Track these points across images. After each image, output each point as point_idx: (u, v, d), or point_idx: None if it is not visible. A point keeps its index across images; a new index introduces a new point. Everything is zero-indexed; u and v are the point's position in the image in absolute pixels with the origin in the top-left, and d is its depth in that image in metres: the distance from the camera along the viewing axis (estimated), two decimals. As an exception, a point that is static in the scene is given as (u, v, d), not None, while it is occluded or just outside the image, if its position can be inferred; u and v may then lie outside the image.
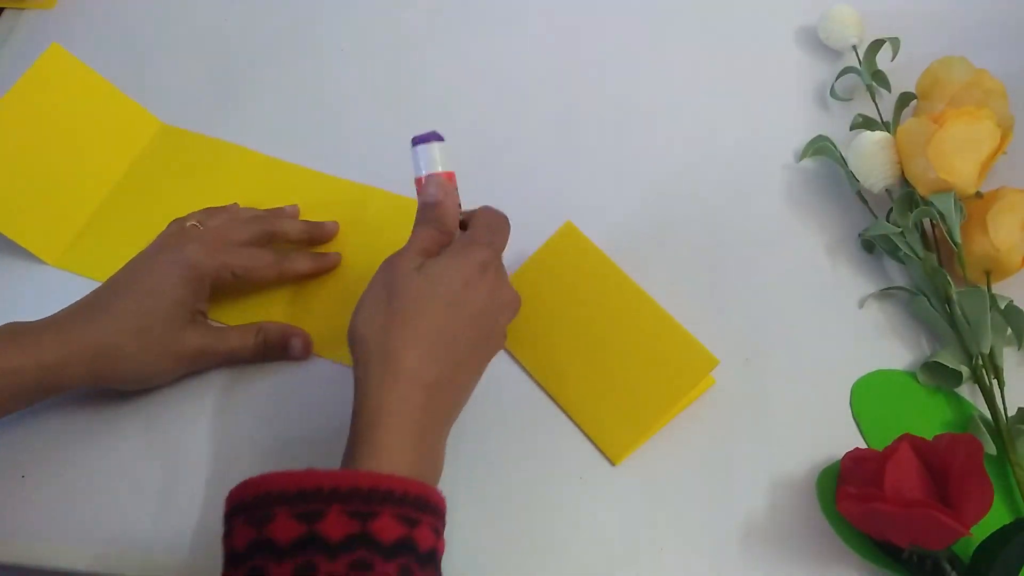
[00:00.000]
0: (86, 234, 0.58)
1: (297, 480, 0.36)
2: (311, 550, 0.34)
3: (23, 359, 0.44)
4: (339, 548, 0.34)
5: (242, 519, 0.36)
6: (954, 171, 0.51)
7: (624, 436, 0.48)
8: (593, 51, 0.67)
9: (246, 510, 0.36)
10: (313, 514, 0.35)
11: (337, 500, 0.35)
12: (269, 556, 0.35)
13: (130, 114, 0.62)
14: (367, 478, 0.36)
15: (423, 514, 0.37)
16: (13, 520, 0.47)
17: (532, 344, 0.52)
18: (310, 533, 0.34)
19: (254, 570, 0.35)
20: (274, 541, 0.35)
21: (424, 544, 0.36)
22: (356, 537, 0.35)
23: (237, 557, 0.36)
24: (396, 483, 0.36)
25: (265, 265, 0.52)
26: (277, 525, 0.35)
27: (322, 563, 0.34)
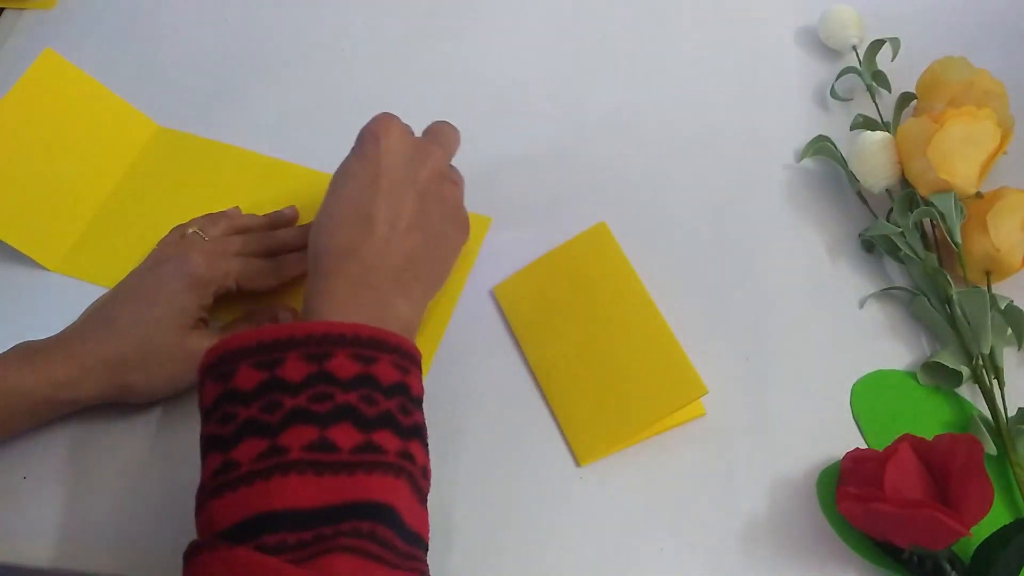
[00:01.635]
0: (86, 239, 0.58)
1: (255, 335, 0.38)
2: (274, 391, 0.36)
3: (35, 378, 0.45)
4: (299, 387, 0.36)
5: (209, 378, 0.38)
6: (954, 171, 0.51)
7: (596, 441, 0.48)
8: (593, 51, 0.67)
9: (212, 369, 0.38)
10: (273, 361, 0.37)
11: (293, 347, 0.37)
12: (236, 402, 0.37)
13: (126, 117, 0.62)
14: (319, 326, 0.38)
15: (381, 353, 0.39)
16: (13, 520, 0.47)
17: (534, 330, 0.52)
18: (272, 377, 0.37)
19: (224, 416, 0.37)
20: (239, 389, 0.37)
21: (385, 378, 0.38)
22: (314, 375, 0.37)
23: (208, 412, 0.38)
24: (347, 327, 0.39)
25: (266, 273, 0.52)
26: (240, 376, 0.37)
27: (285, 399, 0.36)
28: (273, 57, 0.68)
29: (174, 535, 0.47)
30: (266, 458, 0.35)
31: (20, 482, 0.49)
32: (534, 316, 0.53)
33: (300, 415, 0.36)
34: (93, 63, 0.60)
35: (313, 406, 0.36)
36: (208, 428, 0.38)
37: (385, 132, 0.47)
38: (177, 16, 0.71)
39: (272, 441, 0.35)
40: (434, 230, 0.46)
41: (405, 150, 0.47)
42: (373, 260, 0.43)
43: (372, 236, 0.44)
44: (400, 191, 0.45)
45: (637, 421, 0.48)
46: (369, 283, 0.43)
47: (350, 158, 0.47)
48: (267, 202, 0.58)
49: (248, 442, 0.36)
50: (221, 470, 0.36)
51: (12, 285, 0.56)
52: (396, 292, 0.43)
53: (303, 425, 0.36)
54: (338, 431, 0.36)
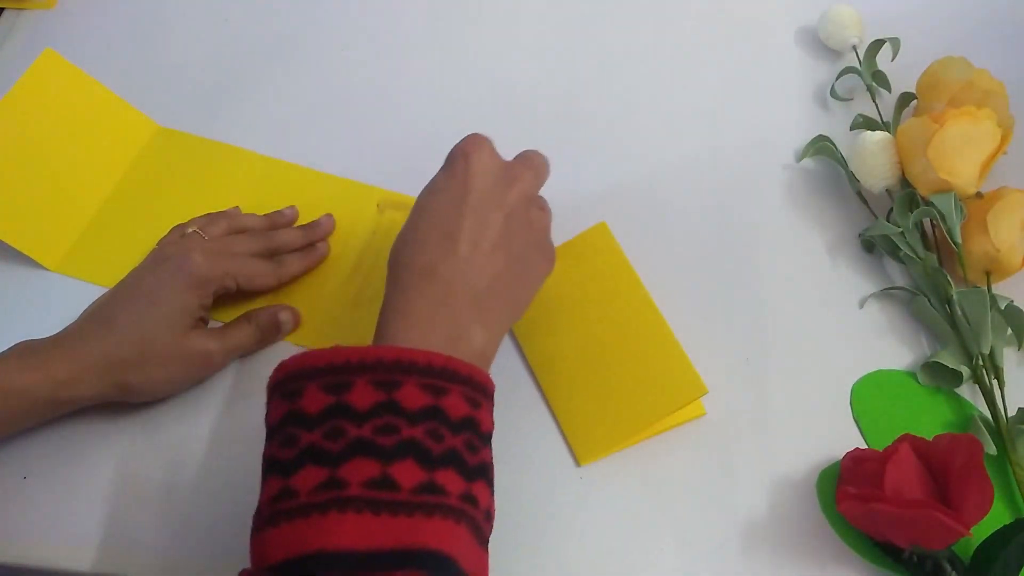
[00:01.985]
0: (85, 239, 0.58)
1: (326, 356, 0.37)
2: (339, 417, 0.36)
3: (35, 377, 0.45)
4: (366, 415, 0.36)
5: (276, 396, 0.38)
6: (954, 171, 0.51)
7: (596, 441, 0.48)
8: (593, 51, 0.67)
9: (279, 387, 0.38)
10: (341, 385, 0.36)
11: (363, 372, 0.36)
12: (300, 425, 0.36)
13: (126, 117, 0.62)
14: (391, 351, 0.37)
15: (452, 384, 0.38)
16: (14, 520, 0.47)
17: (534, 330, 0.52)
18: (338, 402, 0.36)
19: (287, 439, 0.36)
20: (304, 411, 0.36)
21: (454, 412, 0.37)
22: (382, 405, 0.36)
23: (272, 431, 0.37)
24: (419, 355, 0.38)
25: (266, 273, 0.52)
26: (307, 397, 0.36)
27: (349, 428, 0.35)
28: (273, 57, 0.68)
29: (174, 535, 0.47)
30: (325, 490, 0.34)
31: (20, 482, 0.49)
32: (534, 316, 0.53)
33: (363, 447, 0.35)
34: (93, 63, 0.60)
35: (378, 438, 0.35)
36: (271, 449, 0.37)
37: (476, 151, 0.45)
38: (177, 16, 0.71)
39: (332, 472, 0.35)
40: (518, 254, 0.44)
41: (495, 170, 0.45)
42: (453, 279, 0.42)
43: (454, 255, 0.42)
44: (487, 211, 0.44)
45: (637, 421, 0.48)
46: (447, 304, 0.41)
47: (438, 175, 0.46)
48: (267, 202, 0.58)
49: (308, 470, 0.35)
50: (279, 496, 0.35)
51: (12, 285, 0.56)
52: (474, 317, 0.42)
53: (365, 458, 0.35)
54: (401, 468, 0.35)
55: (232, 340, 0.51)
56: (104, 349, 0.46)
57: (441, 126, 0.63)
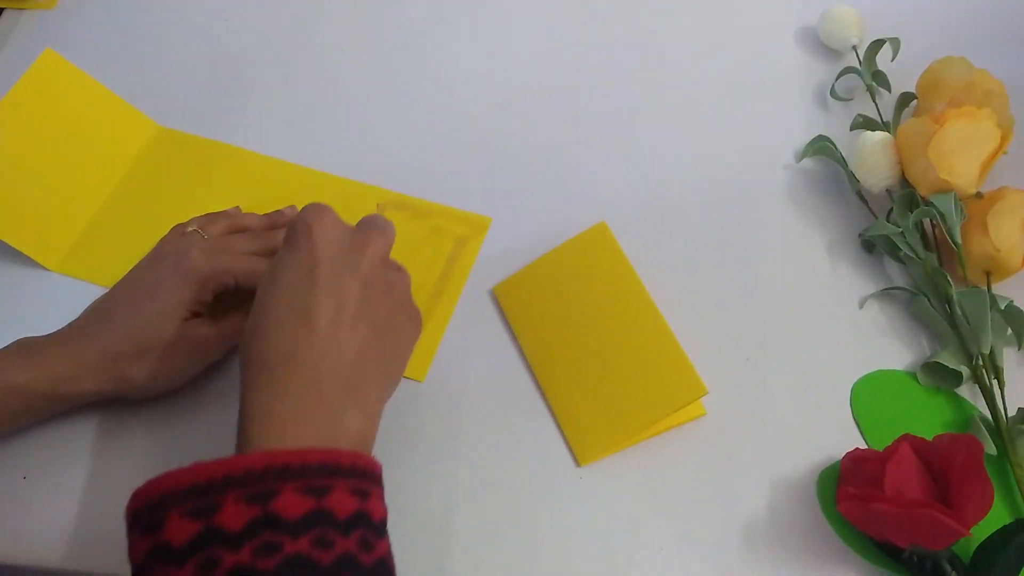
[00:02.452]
0: (86, 239, 0.58)
1: (186, 477, 0.33)
2: (210, 545, 0.32)
3: (34, 374, 0.45)
4: (240, 537, 0.32)
5: (136, 530, 0.34)
6: (954, 171, 0.51)
7: (596, 441, 0.48)
8: (593, 52, 0.67)
9: (138, 518, 0.34)
10: (209, 508, 0.33)
11: (231, 487, 0.33)
12: (169, 563, 0.32)
13: (126, 118, 0.62)
14: (259, 458, 0.34)
15: (335, 479, 0.34)
16: (14, 520, 0.47)
17: (534, 330, 0.52)
18: (207, 528, 0.32)
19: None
20: (169, 544, 0.32)
21: (342, 510, 0.34)
22: (258, 521, 0.32)
23: (138, 570, 0.34)
24: (293, 455, 0.34)
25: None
26: (171, 528, 0.33)
27: (225, 555, 0.32)
28: (273, 57, 0.68)
29: (174, 535, 0.47)
30: None
31: (20, 482, 0.48)
32: (534, 316, 0.53)
33: (244, 574, 0.31)
34: (93, 63, 0.60)
35: (258, 563, 0.31)
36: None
37: (317, 220, 0.41)
38: (177, 16, 0.71)
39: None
40: (383, 322, 0.41)
41: (342, 237, 0.41)
42: (317, 363, 0.38)
43: (313, 335, 0.38)
44: (341, 281, 0.40)
45: (637, 421, 0.48)
46: (314, 392, 0.37)
47: (281, 252, 0.41)
48: (267, 202, 0.58)
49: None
50: None
51: (12, 285, 0.56)
52: (346, 400, 0.38)
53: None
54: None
55: (226, 325, 0.50)
56: (102, 344, 0.46)
57: (441, 126, 0.63)
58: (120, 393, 0.48)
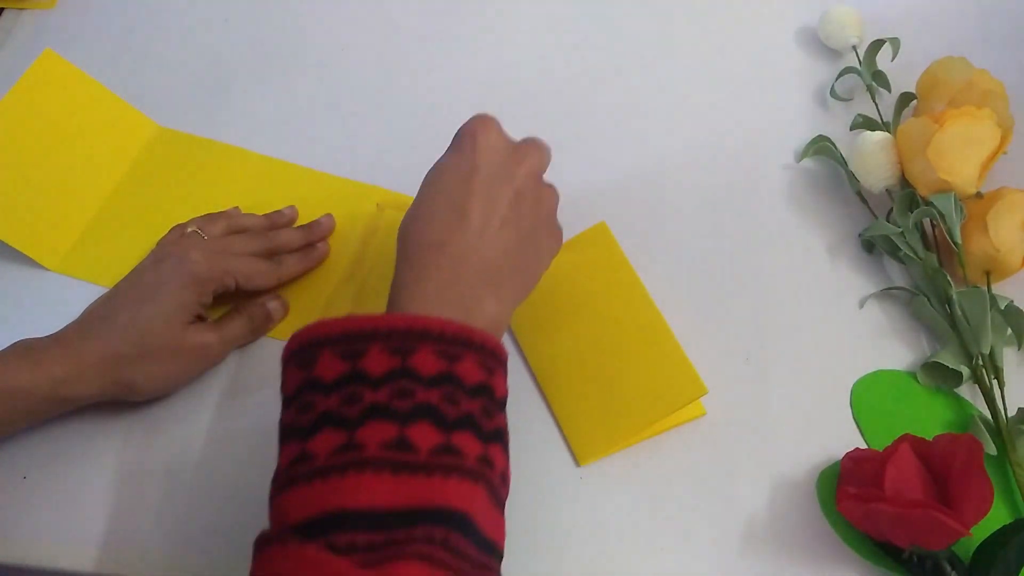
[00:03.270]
0: (86, 239, 0.58)
1: (340, 324, 0.37)
2: (354, 383, 0.36)
3: (35, 376, 0.45)
4: (381, 380, 0.36)
5: (292, 365, 0.38)
6: (954, 171, 0.51)
7: (596, 441, 0.48)
8: (593, 52, 0.67)
9: (294, 356, 0.38)
10: (356, 352, 0.37)
11: (377, 339, 0.37)
12: (316, 391, 0.36)
13: (126, 118, 0.62)
14: (404, 319, 0.38)
15: (466, 350, 0.38)
16: (14, 520, 0.47)
17: (534, 330, 0.52)
18: (353, 369, 0.36)
19: (304, 405, 0.36)
20: (320, 378, 0.36)
21: (469, 378, 0.38)
22: (397, 370, 0.36)
23: (289, 400, 0.38)
24: (433, 322, 0.38)
25: (265, 273, 0.53)
26: (322, 365, 0.37)
27: (365, 393, 0.36)
28: (273, 57, 0.68)
29: (174, 535, 0.47)
30: (343, 453, 0.35)
31: (20, 482, 0.49)
32: (534, 316, 0.53)
33: (380, 411, 0.35)
34: (93, 63, 0.60)
35: (394, 402, 0.36)
36: (287, 416, 0.37)
37: (483, 130, 0.45)
38: (177, 16, 0.71)
39: (350, 435, 0.35)
40: (527, 231, 0.44)
41: (502, 149, 0.45)
42: (463, 254, 0.42)
43: (464, 230, 0.42)
44: (496, 187, 0.44)
45: (637, 421, 0.48)
46: (458, 278, 0.41)
47: (446, 154, 0.46)
48: (267, 202, 0.58)
49: (326, 434, 0.35)
50: (297, 460, 0.35)
51: (12, 285, 0.56)
52: (485, 289, 0.42)
53: (382, 421, 0.35)
54: (417, 430, 0.35)
55: (228, 331, 0.51)
56: (103, 346, 0.46)
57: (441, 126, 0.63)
58: (121, 395, 0.48)
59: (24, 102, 0.56)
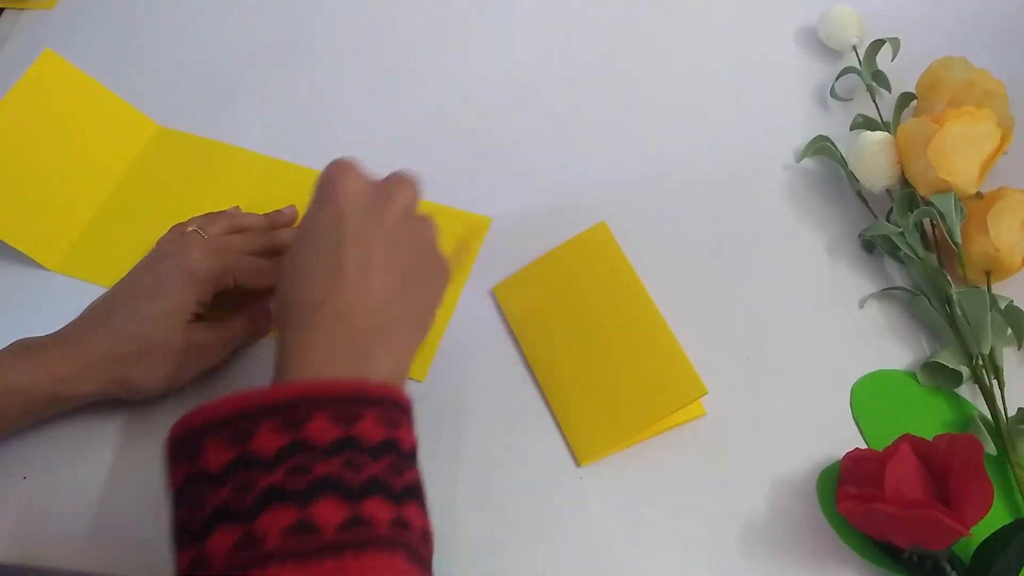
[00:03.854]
0: (86, 238, 0.58)
1: (221, 406, 0.35)
2: (246, 470, 0.33)
3: (34, 375, 0.45)
4: (274, 461, 0.33)
5: (175, 459, 0.36)
6: (954, 171, 0.51)
7: (596, 441, 0.48)
8: (592, 52, 0.67)
9: (176, 449, 0.36)
10: (243, 434, 0.34)
11: (264, 416, 0.34)
12: (206, 484, 0.34)
13: (126, 117, 0.62)
14: (291, 389, 0.35)
15: (363, 408, 0.36)
16: (14, 520, 0.47)
17: (534, 330, 0.52)
18: (241, 453, 0.34)
19: (193, 503, 0.34)
20: (207, 470, 0.34)
21: (371, 437, 0.35)
22: (290, 446, 0.34)
23: (176, 497, 0.35)
24: (323, 386, 0.36)
25: (265, 272, 0.52)
26: (208, 454, 0.34)
27: (259, 477, 0.33)
28: (273, 57, 0.68)
29: (174, 535, 0.47)
30: (241, 549, 0.32)
31: (20, 482, 0.49)
32: (534, 316, 0.53)
33: (276, 495, 0.33)
34: (93, 63, 0.61)
35: (290, 482, 0.33)
36: (178, 515, 0.35)
37: (343, 175, 0.43)
38: (177, 16, 0.71)
39: (247, 529, 0.32)
40: (410, 271, 0.42)
41: (367, 189, 0.43)
42: (345, 310, 0.39)
43: (342, 284, 0.39)
44: (367, 232, 0.41)
45: (637, 421, 0.48)
46: (345, 336, 0.39)
47: (309, 208, 0.43)
48: (267, 202, 0.58)
49: (220, 532, 0.32)
50: (192, 566, 0.33)
51: (12, 285, 0.56)
52: (377, 343, 0.39)
53: (280, 506, 0.32)
54: (320, 508, 0.33)
55: (228, 331, 0.51)
56: (103, 346, 0.46)
57: (441, 126, 0.63)
58: (121, 395, 0.48)
59: (24, 102, 0.56)
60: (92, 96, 0.60)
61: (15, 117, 0.56)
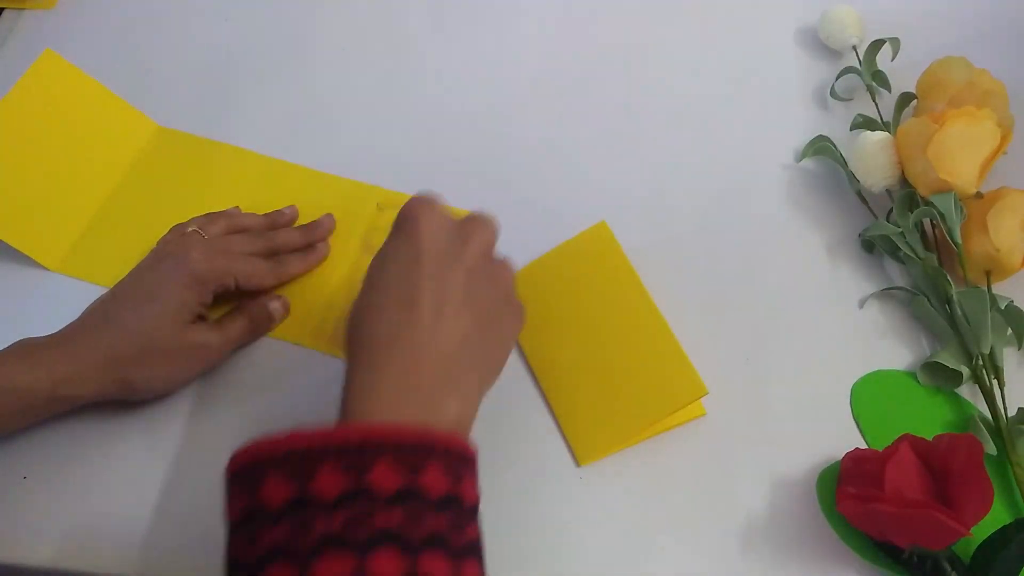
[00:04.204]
0: (86, 239, 0.58)
1: (284, 443, 0.34)
2: (305, 510, 0.33)
3: (35, 375, 0.45)
4: (334, 505, 0.33)
5: (235, 488, 0.35)
6: (954, 171, 0.51)
7: (596, 441, 0.48)
8: (592, 52, 0.67)
9: (237, 479, 0.36)
10: (304, 474, 0.34)
11: (328, 457, 0.34)
12: (263, 521, 0.33)
13: (126, 117, 0.62)
14: (356, 430, 0.35)
15: (428, 459, 0.35)
16: (14, 520, 0.47)
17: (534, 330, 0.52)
18: (302, 493, 0.33)
19: (250, 537, 0.34)
20: (265, 505, 0.34)
21: (434, 490, 0.34)
22: (351, 492, 0.33)
23: (234, 528, 0.35)
24: (389, 431, 0.35)
25: (265, 273, 0.53)
26: (267, 488, 0.34)
27: (318, 521, 0.33)
28: (273, 57, 0.68)
29: (174, 535, 0.47)
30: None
31: (20, 482, 0.48)
32: (534, 316, 0.52)
33: (334, 542, 0.32)
34: (93, 63, 0.60)
35: (349, 531, 0.32)
36: (234, 547, 0.35)
37: (425, 212, 0.42)
38: (177, 16, 0.71)
39: (303, 572, 0.32)
40: (485, 313, 0.41)
41: (448, 229, 0.42)
42: (419, 349, 0.39)
43: (416, 322, 0.39)
44: (445, 271, 0.41)
45: (637, 421, 0.48)
46: (415, 375, 0.38)
47: (388, 241, 0.43)
48: (267, 202, 0.58)
49: (275, 570, 0.32)
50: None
51: (12, 285, 0.56)
52: (446, 385, 0.39)
53: (338, 553, 0.32)
54: (379, 560, 0.32)
55: (228, 331, 0.51)
56: (104, 346, 0.46)
57: (441, 126, 0.63)
58: (121, 395, 0.48)
59: (24, 102, 0.56)
60: (92, 96, 0.60)
61: (15, 117, 0.56)
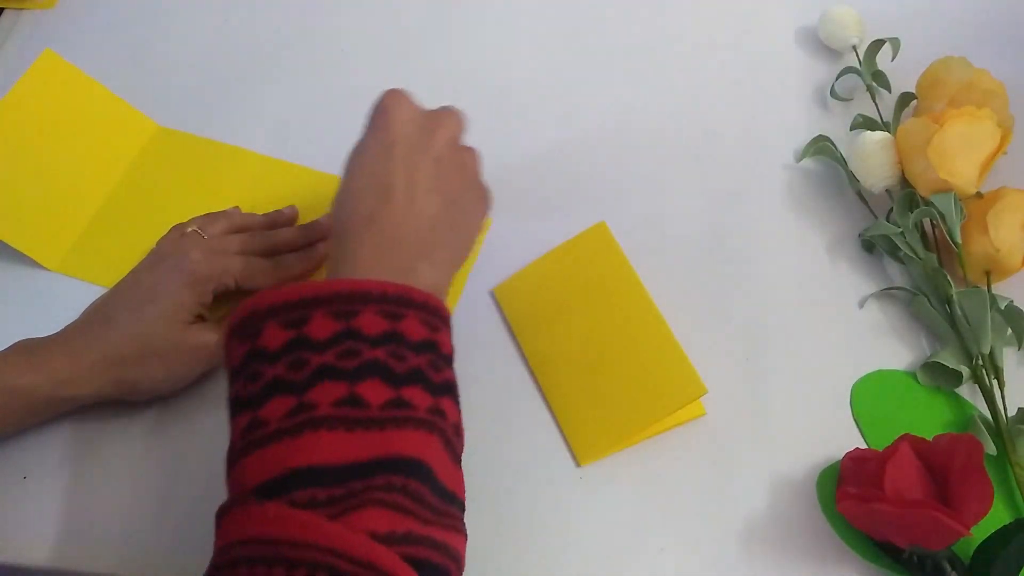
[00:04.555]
0: (85, 238, 0.58)
1: (281, 294, 0.38)
2: (300, 349, 0.36)
3: (35, 376, 0.45)
4: (326, 344, 0.36)
5: (236, 338, 0.38)
6: (954, 171, 0.51)
7: (596, 441, 0.48)
8: (592, 52, 0.67)
9: (237, 329, 0.38)
10: (299, 319, 0.37)
11: (319, 305, 0.37)
12: (263, 361, 0.37)
13: (126, 117, 0.62)
14: (345, 283, 0.38)
15: (408, 309, 0.39)
16: (14, 520, 0.47)
17: (534, 331, 0.52)
18: (298, 336, 0.37)
19: (251, 376, 0.37)
20: (265, 348, 0.37)
21: (413, 334, 0.38)
22: (341, 333, 0.37)
23: (235, 372, 0.38)
24: (374, 285, 0.38)
25: (265, 272, 0.53)
26: (266, 334, 0.37)
27: (312, 357, 0.36)
28: (273, 57, 0.68)
29: (174, 535, 0.47)
30: (295, 415, 0.35)
31: (20, 482, 0.49)
32: (534, 316, 0.53)
33: (328, 372, 0.36)
34: (93, 63, 0.61)
35: (341, 362, 0.36)
36: (236, 388, 0.38)
37: (395, 103, 0.46)
38: (177, 16, 0.71)
39: (300, 398, 0.35)
40: (453, 197, 0.45)
41: (417, 118, 0.46)
42: (394, 227, 0.43)
43: (391, 203, 0.43)
44: (416, 157, 0.45)
45: (637, 421, 0.48)
46: (392, 247, 0.42)
47: (363, 133, 0.47)
48: (267, 202, 0.58)
49: (276, 400, 0.36)
50: (249, 428, 0.36)
51: (12, 285, 0.56)
52: (420, 257, 0.43)
53: (331, 381, 0.36)
54: (367, 387, 0.36)
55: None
56: (104, 347, 0.46)
57: (441, 126, 0.63)
58: (121, 395, 0.48)
59: (24, 102, 0.56)
60: (92, 96, 0.60)
61: (15, 117, 0.56)
